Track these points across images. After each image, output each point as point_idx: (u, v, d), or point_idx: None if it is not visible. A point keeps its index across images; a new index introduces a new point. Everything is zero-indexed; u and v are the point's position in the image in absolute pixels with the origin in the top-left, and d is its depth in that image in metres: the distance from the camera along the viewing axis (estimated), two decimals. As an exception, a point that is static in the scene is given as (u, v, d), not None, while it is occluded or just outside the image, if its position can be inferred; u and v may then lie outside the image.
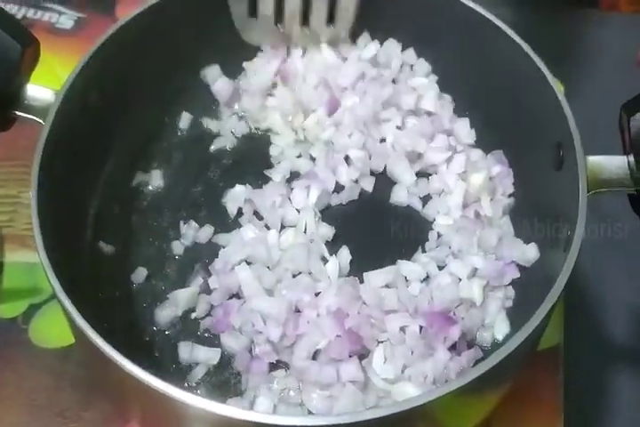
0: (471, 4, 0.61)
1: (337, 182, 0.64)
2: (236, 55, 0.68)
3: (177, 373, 0.56)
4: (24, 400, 0.61)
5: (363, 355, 0.54)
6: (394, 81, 0.67)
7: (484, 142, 0.65)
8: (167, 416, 0.49)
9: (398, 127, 0.65)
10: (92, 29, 0.84)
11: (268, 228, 0.61)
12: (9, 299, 0.66)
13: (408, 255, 0.60)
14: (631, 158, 0.52)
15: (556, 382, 0.62)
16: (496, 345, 0.57)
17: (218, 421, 0.44)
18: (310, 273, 0.58)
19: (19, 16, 0.83)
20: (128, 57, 0.61)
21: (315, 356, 0.54)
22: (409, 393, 0.50)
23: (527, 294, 0.58)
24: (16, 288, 0.66)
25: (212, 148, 0.67)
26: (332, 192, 0.64)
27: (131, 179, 0.65)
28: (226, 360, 0.57)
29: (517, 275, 0.59)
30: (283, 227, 0.61)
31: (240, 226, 0.62)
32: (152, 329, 0.58)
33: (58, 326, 0.62)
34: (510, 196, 0.63)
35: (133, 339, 0.58)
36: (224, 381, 0.56)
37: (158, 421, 0.52)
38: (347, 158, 0.65)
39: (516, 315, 0.58)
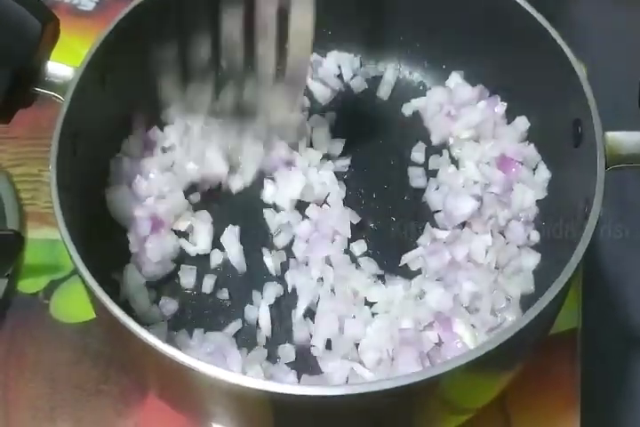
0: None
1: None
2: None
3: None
4: (44, 374, 0.62)
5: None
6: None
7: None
8: (186, 388, 0.49)
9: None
10: (112, 11, 0.83)
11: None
12: (31, 275, 0.67)
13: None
14: None
15: (573, 366, 0.62)
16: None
17: (236, 391, 0.45)
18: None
19: (42, -3, 0.85)
20: (145, 35, 0.61)
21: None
22: None
23: (544, 278, 0.58)
24: (38, 264, 0.67)
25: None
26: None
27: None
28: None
29: None
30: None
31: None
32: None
33: (78, 301, 0.63)
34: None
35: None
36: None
37: (177, 393, 0.53)
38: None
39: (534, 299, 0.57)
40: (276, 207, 0.63)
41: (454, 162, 0.65)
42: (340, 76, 0.70)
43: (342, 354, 0.55)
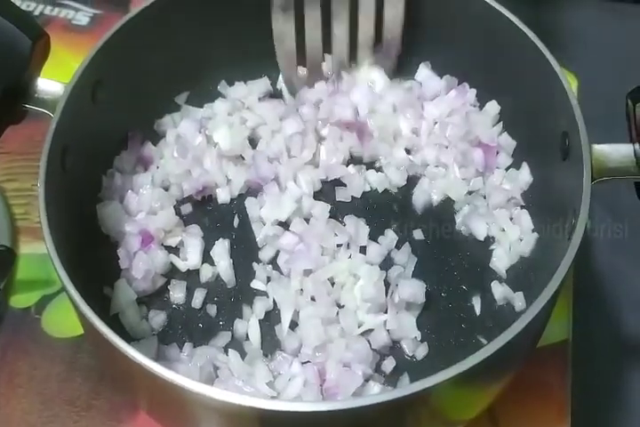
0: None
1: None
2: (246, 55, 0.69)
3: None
4: (36, 389, 0.62)
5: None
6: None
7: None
8: (174, 405, 0.50)
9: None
10: (107, 26, 0.84)
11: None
12: (22, 290, 0.67)
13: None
14: (637, 146, 0.51)
15: (564, 378, 0.62)
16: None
17: (222, 407, 0.45)
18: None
19: (35, 13, 0.85)
20: (136, 50, 0.62)
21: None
22: None
23: (533, 291, 0.58)
24: (29, 279, 0.68)
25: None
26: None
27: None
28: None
29: None
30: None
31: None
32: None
33: (70, 316, 0.62)
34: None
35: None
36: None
37: (166, 409, 0.53)
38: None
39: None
40: (262, 221, 0.64)
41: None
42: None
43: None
